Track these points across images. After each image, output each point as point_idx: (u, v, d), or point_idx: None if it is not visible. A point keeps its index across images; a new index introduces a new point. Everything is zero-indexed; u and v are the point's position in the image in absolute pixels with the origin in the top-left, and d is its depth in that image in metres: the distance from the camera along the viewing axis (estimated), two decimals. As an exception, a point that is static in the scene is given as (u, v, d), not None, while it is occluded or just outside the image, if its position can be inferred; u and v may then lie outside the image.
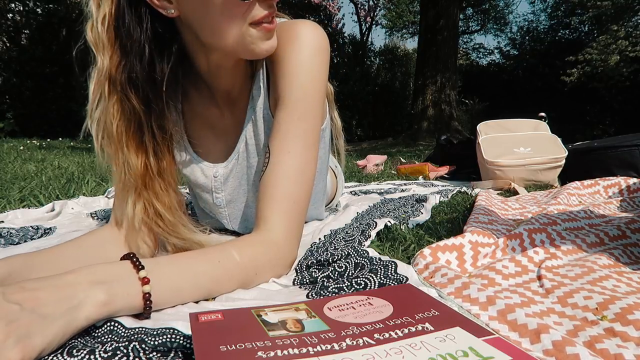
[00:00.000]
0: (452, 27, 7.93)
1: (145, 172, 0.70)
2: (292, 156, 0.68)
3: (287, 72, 0.70)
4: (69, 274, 0.46)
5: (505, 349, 0.35)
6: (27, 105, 7.97)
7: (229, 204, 0.91)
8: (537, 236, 0.81)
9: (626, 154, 1.70)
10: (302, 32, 0.71)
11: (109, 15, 0.62)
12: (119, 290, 0.47)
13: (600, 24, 10.36)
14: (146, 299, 0.49)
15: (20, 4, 8.57)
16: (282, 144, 0.69)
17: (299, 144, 0.69)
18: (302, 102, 0.70)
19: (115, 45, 0.63)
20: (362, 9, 14.94)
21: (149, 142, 0.70)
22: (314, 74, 0.71)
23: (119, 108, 0.66)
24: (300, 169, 0.68)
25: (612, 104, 10.43)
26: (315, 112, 0.72)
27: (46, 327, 0.41)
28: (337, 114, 0.94)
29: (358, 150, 5.60)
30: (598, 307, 0.51)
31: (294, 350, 0.37)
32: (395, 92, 12.38)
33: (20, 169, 2.17)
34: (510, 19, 18.72)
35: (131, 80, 0.65)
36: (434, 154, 2.70)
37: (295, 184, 0.68)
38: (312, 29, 0.72)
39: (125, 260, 0.51)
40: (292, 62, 0.70)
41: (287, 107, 0.70)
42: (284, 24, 0.74)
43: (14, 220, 1.12)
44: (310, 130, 0.71)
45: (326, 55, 0.73)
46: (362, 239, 0.82)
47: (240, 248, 0.60)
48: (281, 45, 0.71)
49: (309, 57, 0.70)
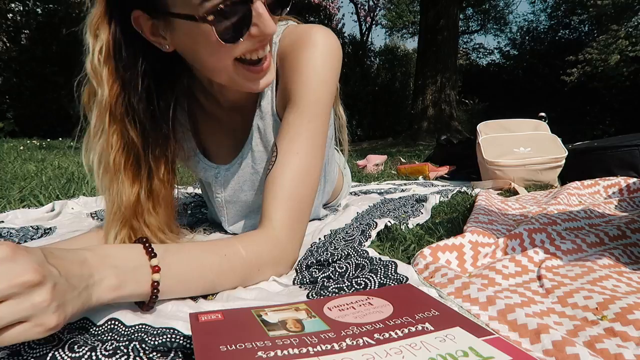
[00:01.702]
0: (452, 27, 7.92)
1: (137, 202, 0.70)
2: (300, 157, 0.69)
3: (300, 76, 0.71)
4: (87, 251, 0.46)
5: (505, 349, 0.35)
6: (27, 105, 7.96)
7: (227, 205, 0.92)
8: (537, 236, 0.81)
9: (626, 154, 1.70)
10: (315, 37, 0.72)
11: (107, 48, 0.63)
12: (130, 276, 0.48)
13: (600, 24, 10.36)
14: (154, 287, 0.49)
15: (20, 4, 8.56)
16: (290, 145, 0.70)
17: (307, 145, 0.70)
18: (314, 106, 0.71)
19: (113, 77, 0.64)
20: (362, 9, 14.94)
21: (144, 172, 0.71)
22: (326, 79, 0.72)
23: (119, 139, 0.66)
24: (306, 170, 0.69)
25: (612, 104, 10.42)
26: (325, 116, 0.73)
27: (75, 299, 0.41)
28: (342, 109, 0.95)
29: (358, 150, 5.60)
30: (598, 307, 0.51)
31: (294, 350, 0.37)
32: (395, 92, 12.38)
33: (20, 169, 2.17)
34: (510, 19, 18.72)
35: (129, 113, 0.66)
36: (434, 154, 2.70)
37: (301, 184, 0.69)
38: (325, 34, 0.73)
39: (138, 245, 0.51)
40: (305, 66, 0.71)
41: (297, 109, 0.71)
42: (297, 27, 0.76)
43: (14, 220, 1.12)
44: (318, 132, 0.72)
45: (338, 61, 0.75)
46: (362, 239, 0.82)
47: (246, 244, 0.61)
48: (294, 49, 0.72)
49: (321, 63, 0.71)
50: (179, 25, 0.60)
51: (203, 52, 0.63)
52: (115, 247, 0.51)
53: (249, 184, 0.88)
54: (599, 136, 9.20)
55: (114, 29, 0.63)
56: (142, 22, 0.63)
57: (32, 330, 0.37)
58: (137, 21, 0.62)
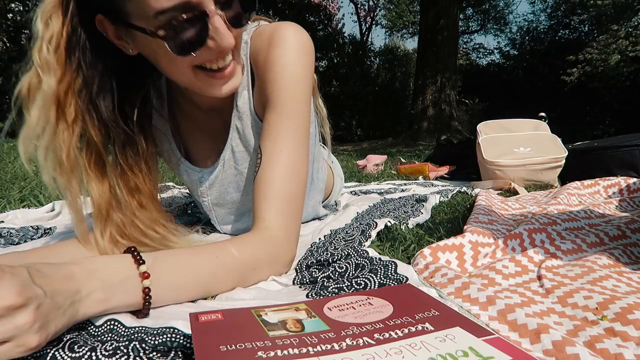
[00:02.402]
0: (452, 27, 7.93)
1: (112, 196, 0.67)
2: (285, 155, 0.69)
3: (273, 74, 0.71)
4: (73, 265, 0.46)
5: (505, 349, 0.35)
6: (27, 105, 7.96)
7: (215, 207, 0.92)
8: (537, 236, 0.81)
9: (626, 154, 1.70)
10: (285, 34, 0.72)
11: (57, 38, 0.59)
12: (118, 288, 0.47)
13: (600, 24, 10.36)
14: (145, 293, 0.49)
15: (20, 4, 8.56)
16: (274, 144, 0.70)
17: (290, 142, 0.70)
18: (290, 103, 0.71)
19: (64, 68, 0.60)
20: (362, 9, 14.95)
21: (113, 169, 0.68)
22: (300, 74, 0.72)
23: (71, 135, 0.62)
24: (293, 167, 0.69)
25: (612, 104, 10.42)
26: (303, 111, 0.73)
27: (59, 317, 0.41)
28: (322, 101, 0.94)
29: (358, 150, 5.60)
30: (598, 307, 0.51)
31: (294, 350, 0.37)
32: (395, 92, 12.38)
33: (20, 169, 2.17)
34: (510, 19, 18.73)
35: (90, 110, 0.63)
36: (434, 154, 2.70)
37: (289, 181, 0.68)
38: (294, 31, 0.73)
39: (127, 255, 0.51)
40: (278, 64, 0.71)
41: (275, 108, 0.71)
42: (267, 26, 0.76)
43: (14, 220, 1.12)
44: (299, 128, 0.72)
45: (310, 56, 0.74)
46: (362, 239, 0.82)
47: (238, 245, 0.61)
48: (266, 48, 0.72)
49: (293, 59, 0.71)
50: (136, 35, 0.60)
51: (161, 61, 0.63)
52: (104, 259, 0.51)
53: (234, 186, 0.88)
54: (599, 136, 9.20)
55: (69, 20, 0.60)
56: (106, 26, 0.62)
57: (14, 351, 0.38)
58: (102, 24, 0.62)
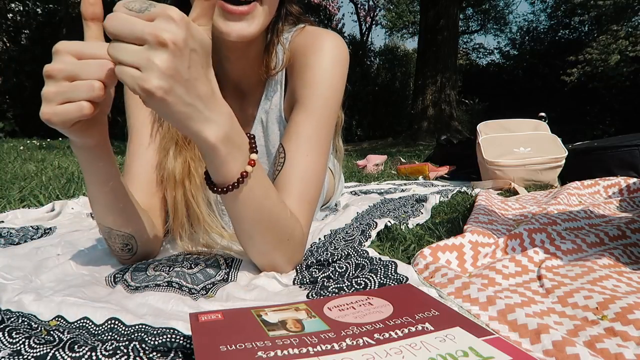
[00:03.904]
0: (452, 27, 7.93)
1: None
2: (310, 159, 0.70)
3: (309, 79, 0.72)
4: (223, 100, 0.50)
5: (505, 349, 0.35)
6: (27, 105, 7.94)
7: None
8: (537, 236, 0.81)
9: (626, 154, 1.70)
10: (325, 43, 0.73)
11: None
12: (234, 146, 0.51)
13: (600, 24, 10.35)
14: (243, 176, 0.53)
15: (20, 4, 8.55)
16: (300, 147, 0.70)
17: (316, 148, 0.71)
18: (322, 110, 0.72)
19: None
20: (362, 9, 14.95)
21: None
22: (334, 84, 0.73)
23: None
24: (315, 172, 0.70)
25: (612, 104, 10.42)
26: (332, 121, 0.74)
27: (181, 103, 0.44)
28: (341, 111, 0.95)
29: (358, 150, 5.60)
30: (598, 307, 0.51)
31: (294, 350, 0.37)
32: (395, 92, 12.38)
33: (20, 169, 2.17)
34: (510, 19, 18.69)
35: None
36: (434, 154, 2.70)
37: (310, 185, 0.70)
38: (334, 40, 0.74)
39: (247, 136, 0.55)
40: (315, 71, 0.72)
41: (306, 111, 0.72)
42: (308, 32, 0.77)
43: (14, 220, 1.11)
44: (326, 136, 0.73)
45: (346, 67, 0.76)
46: (362, 239, 0.82)
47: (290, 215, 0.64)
48: (304, 53, 0.74)
49: (330, 68, 0.73)
50: None
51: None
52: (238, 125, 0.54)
53: None
54: (599, 136, 9.19)
55: None
56: None
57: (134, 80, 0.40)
58: None
